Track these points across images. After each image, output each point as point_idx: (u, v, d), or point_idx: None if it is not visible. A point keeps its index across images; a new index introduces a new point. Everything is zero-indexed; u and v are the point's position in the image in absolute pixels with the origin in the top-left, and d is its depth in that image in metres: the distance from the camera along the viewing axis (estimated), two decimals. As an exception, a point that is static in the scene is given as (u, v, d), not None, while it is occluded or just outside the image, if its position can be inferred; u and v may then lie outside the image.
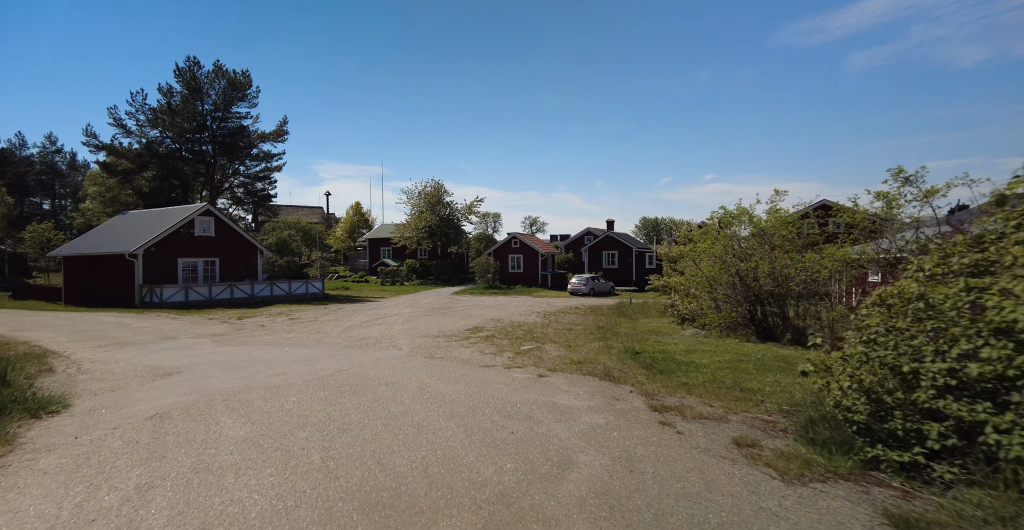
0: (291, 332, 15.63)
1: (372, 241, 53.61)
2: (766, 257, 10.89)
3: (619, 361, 9.59)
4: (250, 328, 17.05)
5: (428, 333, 15.12)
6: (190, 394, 7.49)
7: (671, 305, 18.52)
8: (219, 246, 29.66)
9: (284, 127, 43.38)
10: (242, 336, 14.75)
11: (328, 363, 9.78)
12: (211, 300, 26.79)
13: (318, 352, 11.37)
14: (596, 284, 35.73)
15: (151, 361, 10.51)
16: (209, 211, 29.60)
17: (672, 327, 16.87)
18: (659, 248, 18.79)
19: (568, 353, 10.80)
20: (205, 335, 15.05)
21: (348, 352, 11.32)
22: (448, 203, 48.21)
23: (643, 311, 22.56)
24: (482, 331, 15.57)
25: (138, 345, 13.13)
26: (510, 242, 44.07)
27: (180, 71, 38.41)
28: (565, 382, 8.17)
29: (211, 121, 40.24)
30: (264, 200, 47.79)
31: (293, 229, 56.56)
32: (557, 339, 13.04)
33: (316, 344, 12.85)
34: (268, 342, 13.32)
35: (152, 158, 37.93)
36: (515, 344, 12.24)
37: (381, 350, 11.45)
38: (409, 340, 13.47)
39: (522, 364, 9.68)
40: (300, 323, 18.48)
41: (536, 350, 11.29)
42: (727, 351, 10.08)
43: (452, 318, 19.91)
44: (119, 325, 17.94)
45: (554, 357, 10.33)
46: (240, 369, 9.37)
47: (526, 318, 20.05)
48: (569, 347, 11.62)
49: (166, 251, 27.16)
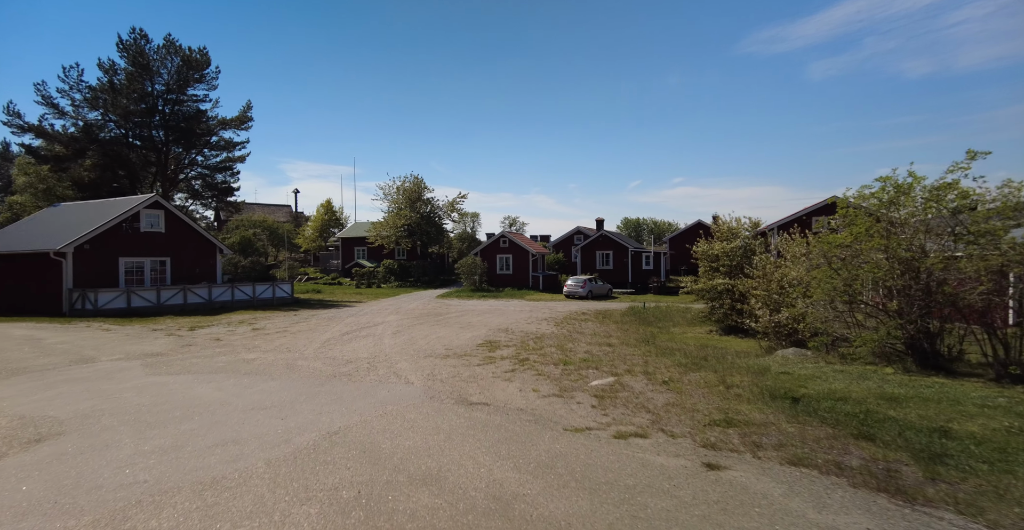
0: (253, 350, 12.22)
1: (345, 241, 49.67)
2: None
3: (791, 420, 5.92)
4: (201, 343, 13.53)
5: (432, 351, 11.98)
6: (39, 506, 3.95)
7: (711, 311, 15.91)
8: (170, 244, 25.58)
9: (248, 113, 38.92)
10: (186, 357, 11.27)
11: (307, 415, 6.43)
12: (159, 306, 22.79)
13: (290, 388, 8.08)
14: (594, 286, 33.13)
15: (29, 407, 7.00)
16: (158, 203, 25.49)
17: (729, 340, 14.21)
18: (698, 246, 16.08)
19: (675, 397, 7.13)
20: (137, 356, 11.50)
21: (334, 388, 8.07)
22: (429, 200, 44.93)
23: (666, 317, 19.95)
24: (500, 347, 12.53)
25: (33, 373, 9.54)
26: (498, 241, 41.07)
27: (124, 45, 33.36)
28: (785, 491, 4.21)
29: (163, 103, 35.42)
30: (226, 194, 42.99)
31: (259, 228, 51.94)
32: (617, 363, 9.66)
33: (286, 371, 9.54)
34: (221, 367, 9.92)
35: (91, 144, 32.84)
36: (571, 373, 8.96)
37: (383, 386, 8.09)
38: (413, 363, 10.29)
39: (637, 426, 5.94)
40: (265, 335, 15.03)
41: (616, 387, 7.76)
42: (961, 400, 6.22)
43: (450, 327, 16.79)
44: (26, 341, 14.08)
45: (665, 405, 6.77)
46: (164, 427, 5.98)
47: (538, 327, 17.11)
48: (663, 382, 7.93)
49: (104, 249, 22.99)
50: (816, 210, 32.81)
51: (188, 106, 37.14)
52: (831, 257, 9.06)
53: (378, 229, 43.48)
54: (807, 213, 33.29)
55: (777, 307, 10.34)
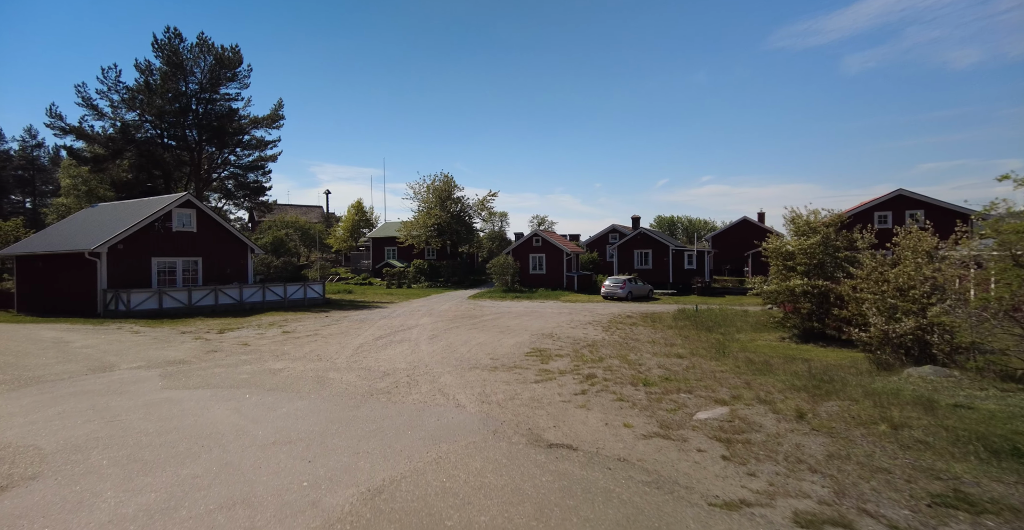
0: (281, 358, 11.16)
1: (376, 241, 49.14)
2: None
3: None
4: (228, 348, 12.60)
5: (477, 361, 10.64)
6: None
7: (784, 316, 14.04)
8: (202, 244, 25.14)
9: (280, 111, 38.64)
10: (209, 366, 10.26)
11: (340, 455, 5.07)
12: (191, 307, 22.30)
13: (320, 411, 6.84)
14: (634, 287, 31.27)
15: (19, 431, 5.93)
16: (190, 202, 25.08)
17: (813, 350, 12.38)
18: (768, 242, 14.23)
19: (833, 443, 5.26)
20: (159, 363, 10.57)
21: (372, 412, 6.78)
22: (459, 199, 43.83)
23: (725, 322, 18.10)
24: (552, 357, 11.10)
25: (45, 384, 8.65)
26: (531, 240, 39.62)
27: (159, 44, 33.42)
28: None
29: (196, 103, 35.37)
30: (258, 193, 42.92)
31: (291, 228, 52.11)
32: (710, 384, 7.86)
33: (316, 386, 8.36)
34: (243, 381, 8.82)
35: (128, 144, 33.00)
36: (660, 398, 7.19)
37: (429, 410, 6.68)
38: (458, 376, 8.96)
39: (817, 499, 4.15)
40: (295, 340, 14.04)
41: (738, 423, 5.95)
42: None
43: (489, 332, 15.46)
44: (53, 344, 13.45)
45: (828, 458, 4.96)
46: (161, 472, 4.71)
47: (584, 332, 15.61)
48: (796, 415, 6.09)
49: (137, 249, 22.65)
50: (879, 205, 30.18)
51: (220, 105, 37.05)
52: (1020, 251, 6.97)
53: (408, 229, 42.68)
54: (868, 208, 30.69)
55: (893, 313, 8.50)
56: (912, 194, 28.65)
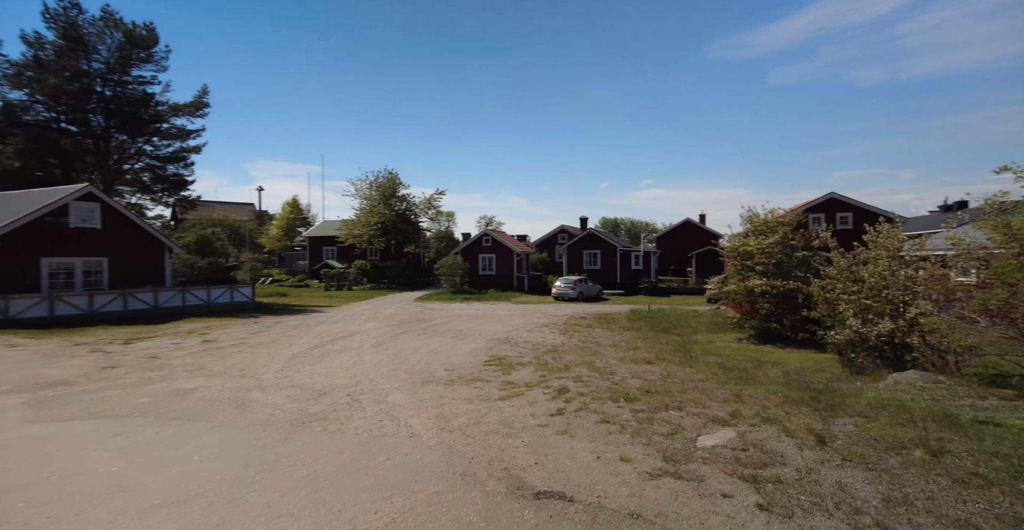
0: (196, 374, 9.44)
1: (313, 240, 46.16)
2: None
3: None
4: (131, 363, 10.64)
5: (430, 373, 9.46)
6: None
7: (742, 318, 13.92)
8: (108, 242, 22.03)
9: (204, 98, 35.02)
10: (100, 387, 8.41)
11: (255, 527, 3.64)
12: (92, 314, 19.36)
13: (235, 449, 5.43)
14: (584, 287, 31.03)
15: None
16: (92, 195, 21.90)
17: (775, 352, 12.23)
18: (727, 242, 14.06)
19: (877, 481, 4.30)
20: (31, 386, 8.56)
21: (303, 448, 5.47)
22: (404, 197, 42.04)
23: (681, 323, 17.94)
24: (514, 366, 10.12)
25: None
26: (481, 240, 38.55)
27: (52, 15, 29.10)
28: None
29: (101, 84, 31.23)
30: (179, 187, 38.79)
31: (218, 226, 47.76)
32: (697, 397, 7.05)
33: (235, 411, 6.89)
34: (140, 407, 7.17)
35: (13, 127, 28.56)
36: (648, 417, 6.22)
37: (377, 443, 5.45)
38: (410, 393, 7.76)
39: None
40: (216, 350, 12.20)
41: (754, 453, 4.98)
42: None
43: (441, 338, 14.28)
44: None
45: (886, 503, 3.95)
46: None
47: (542, 336, 14.79)
48: (817, 441, 5.18)
49: (23, 248, 19.39)
50: (813, 207, 31.73)
51: (133, 88, 33.03)
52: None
53: (350, 227, 40.32)
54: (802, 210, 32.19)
55: (867, 315, 8.25)
56: (843, 198, 30.35)
